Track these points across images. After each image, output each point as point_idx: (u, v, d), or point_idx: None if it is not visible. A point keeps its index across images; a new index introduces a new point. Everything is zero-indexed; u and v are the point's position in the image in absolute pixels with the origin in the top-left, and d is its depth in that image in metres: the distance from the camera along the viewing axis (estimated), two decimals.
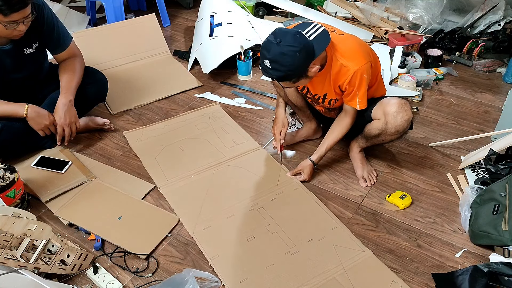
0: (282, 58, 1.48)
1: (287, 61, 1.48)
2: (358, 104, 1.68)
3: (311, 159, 1.85)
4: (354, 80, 1.62)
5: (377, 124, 1.75)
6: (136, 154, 2.02)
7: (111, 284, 1.45)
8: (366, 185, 1.84)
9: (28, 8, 1.63)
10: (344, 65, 1.62)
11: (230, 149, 2.00)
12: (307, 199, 1.77)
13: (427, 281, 1.47)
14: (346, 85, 1.65)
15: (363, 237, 1.62)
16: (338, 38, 1.64)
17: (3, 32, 1.67)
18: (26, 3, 1.61)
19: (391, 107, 1.69)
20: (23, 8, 1.61)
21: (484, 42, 2.69)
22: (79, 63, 2.01)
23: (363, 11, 2.95)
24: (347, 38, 1.68)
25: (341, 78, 1.65)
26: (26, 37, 1.77)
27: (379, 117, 1.74)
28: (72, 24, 3.02)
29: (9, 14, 1.59)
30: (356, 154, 1.90)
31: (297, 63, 1.50)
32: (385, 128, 1.72)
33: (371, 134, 1.79)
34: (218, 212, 1.72)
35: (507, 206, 1.52)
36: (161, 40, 2.79)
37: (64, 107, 1.89)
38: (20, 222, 1.41)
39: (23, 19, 1.65)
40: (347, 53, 1.62)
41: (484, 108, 2.32)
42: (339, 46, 1.63)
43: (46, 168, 1.89)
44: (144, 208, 1.74)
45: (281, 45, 1.47)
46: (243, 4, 2.99)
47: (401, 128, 1.70)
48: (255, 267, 1.51)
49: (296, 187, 1.82)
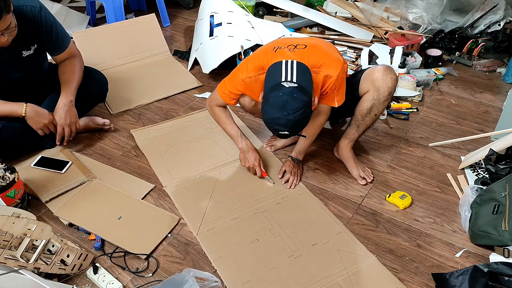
0: (299, 123, 1.50)
1: (304, 122, 1.52)
2: (337, 102, 1.68)
3: (290, 156, 1.89)
4: (336, 84, 1.63)
5: (367, 96, 1.75)
6: (137, 154, 2.02)
7: (111, 284, 1.45)
8: (366, 183, 1.84)
9: (3, 20, 1.58)
10: (327, 75, 1.61)
11: (236, 150, 1.98)
12: (312, 204, 1.76)
13: (427, 281, 1.47)
14: (328, 90, 1.65)
15: (363, 237, 1.62)
16: (305, 54, 1.61)
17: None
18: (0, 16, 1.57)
19: (378, 72, 1.72)
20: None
21: (484, 42, 2.69)
22: (79, 63, 2.01)
23: (363, 11, 2.95)
24: (312, 48, 1.64)
25: (325, 86, 1.65)
26: (24, 40, 1.76)
27: (369, 88, 1.74)
28: (72, 24, 3.03)
29: None
30: (347, 154, 1.89)
31: (309, 113, 1.52)
32: (377, 95, 1.73)
33: (363, 111, 1.77)
34: (222, 214, 1.71)
35: (507, 206, 1.52)
36: (161, 40, 2.79)
37: (64, 107, 1.89)
38: (20, 222, 1.41)
39: (3, 31, 1.62)
40: (322, 63, 1.61)
41: (484, 108, 2.32)
42: (311, 60, 1.60)
43: (46, 168, 1.89)
44: (144, 208, 1.74)
45: (291, 115, 1.45)
46: (243, 4, 2.99)
47: (393, 89, 1.73)
48: (258, 269, 1.50)
49: (301, 192, 1.82)
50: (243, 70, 1.68)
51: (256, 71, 1.64)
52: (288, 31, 2.79)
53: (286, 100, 1.44)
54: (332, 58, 1.63)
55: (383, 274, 1.50)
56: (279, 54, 1.61)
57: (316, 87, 1.61)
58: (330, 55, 1.65)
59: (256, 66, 1.64)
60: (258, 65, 1.64)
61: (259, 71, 1.64)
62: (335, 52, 1.70)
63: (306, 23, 2.99)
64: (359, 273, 1.49)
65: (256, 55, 1.73)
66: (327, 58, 1.63)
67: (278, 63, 1.54)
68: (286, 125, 1.47)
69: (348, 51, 2.76)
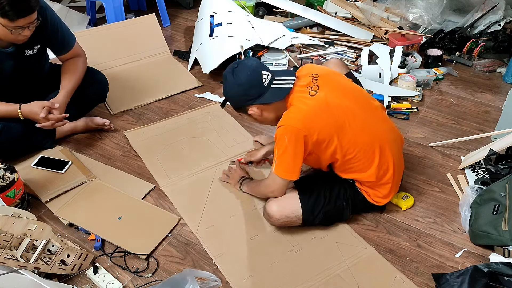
0: (226, 81, 1.57)
1: (226, 86, 1.57)
2: (274, 166, 1.51)
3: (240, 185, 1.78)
4: (276, 138, 1.50)
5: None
6: (137, 154, 2.02)
7: (111, 284, 1.45)
8: None
9: (34, 14, 1.64)
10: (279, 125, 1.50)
11: (231, 148, 2.00)
12: None
13: (427, 281, 1.47)
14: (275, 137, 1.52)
15: (363, 237, 1.62)
16: (301, 101, 1.49)
17: (8, 37, 1.67)
18: (33, 9, 1.62)
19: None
20: (29, 14, 1.62)
21: (484, 42, 2.69)
22: (82, 63, 2.01)
23: (363, 11, 2.95)
24: (309, 105, 1.49)
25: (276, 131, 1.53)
26: (28, 39, 1.76)
27: None
28: (72, 24, 3.02)
29: (15, 19, 1.60)
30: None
31: (232, 94, 1.57)
32: None
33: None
34: (221, 211, 1.72)
35: (507, 206, 1.52)
36: (161, 40, 2.79)
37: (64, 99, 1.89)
38: (20, 222, 1.41)
39: (28, 25, 1.65)
40: (290, 113, 1.49)
41: (484, 108, 2.32)
42: (293, 106, 1.50)
43: (46, 168, 1.89)
44: (144, 208, 1.74)
45: (234, 71, 1.53)
46: (243, 4, 2.99)
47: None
48: (259, 265, 1.52)
49: None
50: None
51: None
52: (288, 31, 2.79)
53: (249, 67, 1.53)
54: (296, 116, 1.47)
55: (383, 264, 1.52)
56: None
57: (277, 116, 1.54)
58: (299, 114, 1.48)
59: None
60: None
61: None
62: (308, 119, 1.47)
63: (306, 23, 2.99)
64: (359, 264, 1.51)
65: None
66: (295, 114, 1.48)
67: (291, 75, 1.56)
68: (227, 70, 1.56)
69: (348, 51, 2.75)
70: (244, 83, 1.52)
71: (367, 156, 1.54)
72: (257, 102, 1.54)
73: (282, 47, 2.67)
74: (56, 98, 1.87)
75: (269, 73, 1.54)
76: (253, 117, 1.61)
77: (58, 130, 2.03)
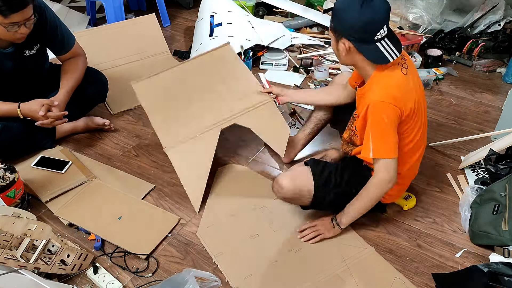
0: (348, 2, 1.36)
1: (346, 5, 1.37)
2: (372, 151, 1.41)
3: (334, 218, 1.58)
4: (368, 114, 1.40)
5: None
6: (138, 153, 2.02)
7: (111, 284, 1.45)
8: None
9: (28, 9, 1.62)
10: (369, 90, 1.43)
11: (239, 102, 1.87)
12: None
13: (427, 281, 1.47)
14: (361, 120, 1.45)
15: (363, 237, 1.61)
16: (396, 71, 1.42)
17: (5, 35, 1.66)
18: (26, 3, 1.60)
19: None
20: (22, 8, 1.60)
21: (484, 42, 2.69)
22: (82, 63, 2.01)
23: None
24: (404, 78, 1.42)
25: (360, 105, 1.47)
26: (27, 38, 1.76)
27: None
28: (72, 24, 3.02)
29: (9, 15, 1.58)
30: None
31: (345, 18, 1.37)
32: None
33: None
34: (221, 210, 1.72)
35: (507, 206, 1.52)
36: (161, 40, 2.79)
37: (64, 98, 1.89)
38: (20, 222, 1.41)
39: (25, 21, 1.64)
40: (383, 82, 1.41)
41: (484, 108, 2.32)
42: (386, 74, 1.41)
43: (46, 168, 1.89)
44: (144, 208, 1.74)
45: (365, 3, 1.32)
46: (243, 4, 2.99)
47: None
48: (259, 264, 1.52)
49: None
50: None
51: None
52: (288, 31, 2.79)
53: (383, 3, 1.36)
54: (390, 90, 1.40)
55: (383, 265, 1.52)
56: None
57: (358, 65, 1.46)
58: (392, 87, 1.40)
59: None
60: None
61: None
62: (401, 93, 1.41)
63: (306, 23, 2.99)
64: (359, 264, 1.51)
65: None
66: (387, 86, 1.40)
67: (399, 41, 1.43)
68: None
69: None
70: (363, 21, 1.34)
71: (414, 151, 1.54)
72: (356, 44, 1.38)
73: (282, 47, 2.67)
74: (56, 97, 1.87)
75: (385, 32, 1.37)
76: (337, 48, 1.44)
77: (58, 130, 2.03)
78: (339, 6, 1.39)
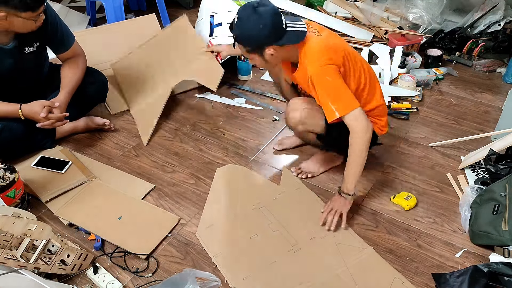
0: (247, 21, 1.49)
1: (246, 25, 1.50)
2: (336, 111, 1.50)
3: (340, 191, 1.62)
4: (315, 84, 1.52)
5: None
6: (138, 153, 2.03)
7: (111, 284, 1.45)
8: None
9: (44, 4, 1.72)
10: (305, 66, 1.55)
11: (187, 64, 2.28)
12: (309, 198, 1.77)
13: (427, 281, 1.47)
14: (313, 91, 1.55)
15: (363, 237, 1.61)
16: (312, 38, 1.56)
17: (31, 27, 1.72)
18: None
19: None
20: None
21: (484, 42, 2.69)
22: (82, 63, 2.02)
23: (363, 11, 2.95)
24: (321, 39, 1.56)
25: (306, 81, 1.57)
26: (28, 35, 1.77)
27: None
28: (72, 24, 3.02)
29: (38, 8, 1.66)
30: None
31: (255, 33, 1.50)
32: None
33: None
34: (220, 210, 1.72)
35: (507, 206, 1.52)
36: None
37: (65, 99, 1.89)
38: (20, 222, 1.41)
39: (39, 14, 1.71)
40: (309, 53, 1.53)
41: (484, 108, 2.32)
42: (307, 45, 1.54)
43: (46, 168, 1.89)
44: (144, 208, 1.74)
45: (256, 11, 1.48)
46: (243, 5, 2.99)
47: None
48: (258, 264, 1.52)
49: (298, 186, 1.83)
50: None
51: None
52: None
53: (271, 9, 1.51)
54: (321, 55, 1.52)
55: (382, 265, 1.52)
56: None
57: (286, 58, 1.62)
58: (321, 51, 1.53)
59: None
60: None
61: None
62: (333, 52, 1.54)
63: None
64: (358, 265, 1.51)
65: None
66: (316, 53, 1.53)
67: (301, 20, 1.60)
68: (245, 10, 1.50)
69: None
70: (269, 23, 1.48)
71: (372, 84, 1.67)
72: (277, 43, 1.52)
73: None
74: (57, 98, 1.88)
75: (284, 17, 1.54)
76: (265, 59, 1.57)
77: (58, 130, 2.04)
78: (243, 31, 1.52)
